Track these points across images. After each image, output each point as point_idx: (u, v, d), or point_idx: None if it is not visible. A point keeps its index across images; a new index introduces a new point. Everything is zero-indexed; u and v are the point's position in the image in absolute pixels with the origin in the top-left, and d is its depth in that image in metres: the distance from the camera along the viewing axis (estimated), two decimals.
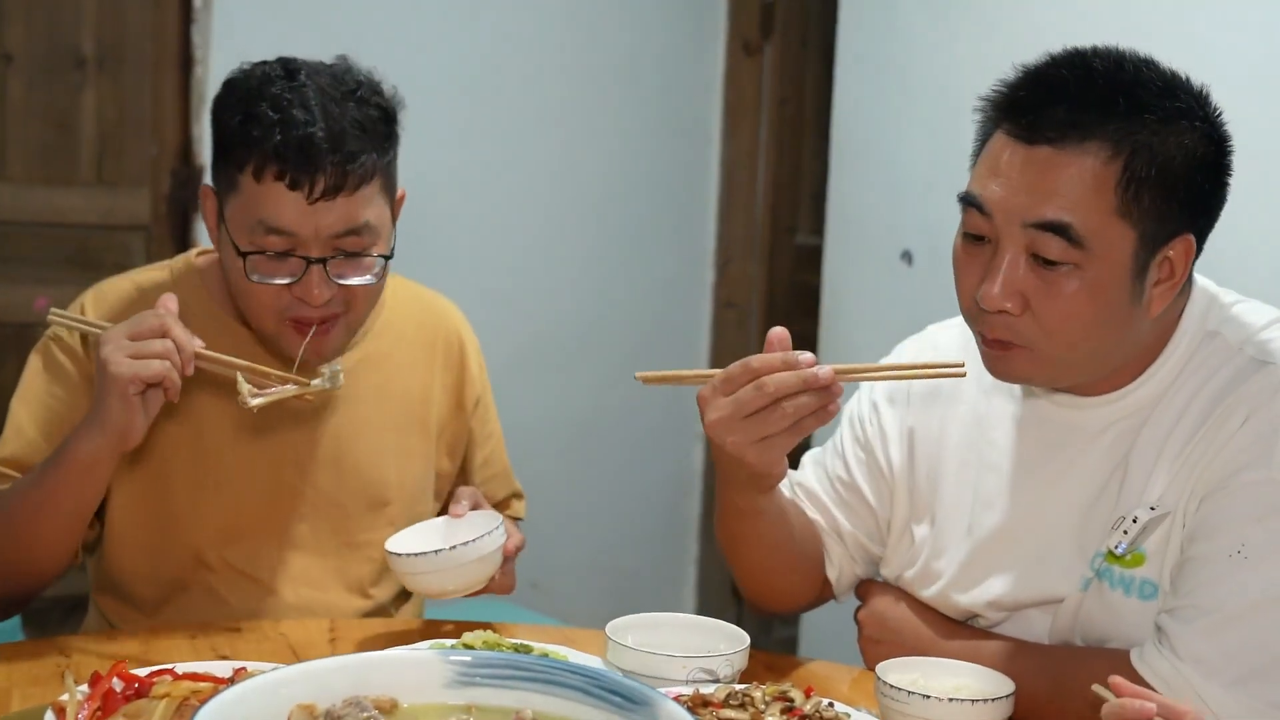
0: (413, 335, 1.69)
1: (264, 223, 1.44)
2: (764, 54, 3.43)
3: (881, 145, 2.77)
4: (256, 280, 1.46)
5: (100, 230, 2.86)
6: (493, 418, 1.77)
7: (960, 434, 1.44)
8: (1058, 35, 2.38)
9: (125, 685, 1.13)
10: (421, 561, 1.43)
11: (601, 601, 3.16)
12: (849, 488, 1.51)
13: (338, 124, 1.43)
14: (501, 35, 3.11)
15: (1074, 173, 1.23)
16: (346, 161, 1.43)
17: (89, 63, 2.81)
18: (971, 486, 1.42)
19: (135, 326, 1.37)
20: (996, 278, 1.26)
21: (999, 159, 1.27)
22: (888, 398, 1.52)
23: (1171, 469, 1.30)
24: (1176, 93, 1.26)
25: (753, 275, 3.49)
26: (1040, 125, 1.24)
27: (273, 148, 1.42)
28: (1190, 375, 1.32)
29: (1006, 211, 1.25)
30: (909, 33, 2.70)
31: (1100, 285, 1.24)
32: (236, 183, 1.46)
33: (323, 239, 1.45)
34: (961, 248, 1.32)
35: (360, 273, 1.49)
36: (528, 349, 3.19)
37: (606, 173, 3.32)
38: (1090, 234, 1.23)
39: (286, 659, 1.38)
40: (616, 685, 0.97)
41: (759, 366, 1.27)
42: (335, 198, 1.43)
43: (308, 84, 1.45)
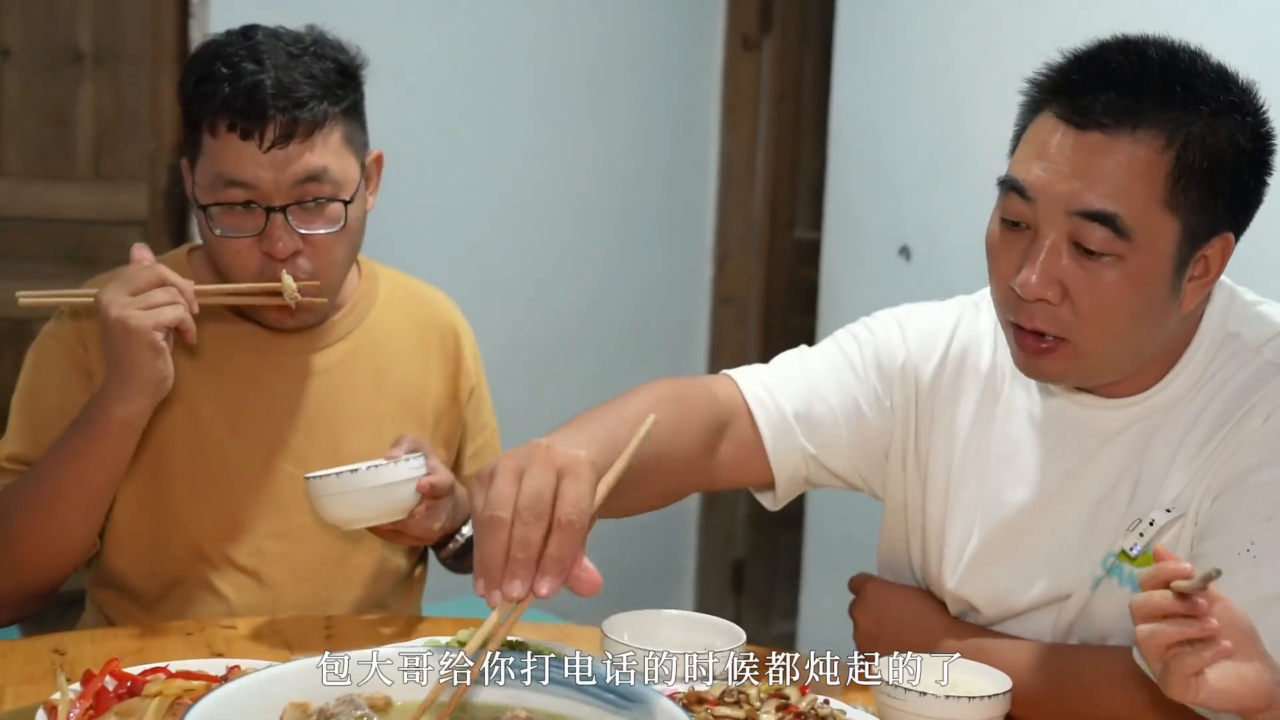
0: (407, 327, 1.69)
1: (222, 175, 1.47)
2: (763, 49, 3.43)
3: (880, 141, 2.76)
4: (220, 234, 1.49)
5: (97, 226, 2.85)
6: (487, 409, 1.77)
7: (988, 429, 1.40)
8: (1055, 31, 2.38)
9: (118, 683, 1.13)
10: (328, 483, 1.41)
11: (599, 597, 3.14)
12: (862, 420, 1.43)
13: (287, 74, 1.47)
14: (501, 30, 3.10)
15: (1124, 160, 1.20)
16: (295, 108, 1.46)
17: (86, 58, 2.80)
18: (978, 477, 1.40)
19: (132, 281, 1.40)
20: (1035, 265, 1.22)
21: (1047, 142, 1.23)
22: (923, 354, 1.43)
23: (1188, 470, 1.29)
24: (1229, 85, 1.23)
25: (751, 270, 3.49)
26: (1093, 109, 1.20)
27: (222, 100, 1.46)
28: (1211, 377, 1.30)
29: (1051, 197, 1.22)
30: (907, 28, 2.69)
31: (1141, 277, 1.21)
32: (200, 143, 1.50)
33: (282, 188, 1.48)
34: (999, 233, 1.27)
35: (323, 223, 1.50)
36: (525, 343, 3.19)
37: (605, 167, 3.31)
38: (1136, 225, 1.20)
39: (282, 656, 1.38)
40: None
41: None
42: (288, 145, 1.47)
43: (262, 42, 1.50)
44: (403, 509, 1.44)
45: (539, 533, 0.98)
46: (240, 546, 1.59)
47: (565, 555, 0.98)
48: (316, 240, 1.50)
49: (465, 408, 1.72)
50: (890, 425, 1.44)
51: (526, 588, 0.97)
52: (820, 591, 2.93)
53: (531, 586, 0.97)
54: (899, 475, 1.45)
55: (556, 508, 0.99)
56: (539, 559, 0.98)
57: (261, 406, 1.57)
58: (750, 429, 1.41)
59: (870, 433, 1.44)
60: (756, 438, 1.41)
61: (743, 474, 1.44)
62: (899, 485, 1.46)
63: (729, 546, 3.58)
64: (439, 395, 1.70)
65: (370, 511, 1.43)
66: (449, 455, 1.72)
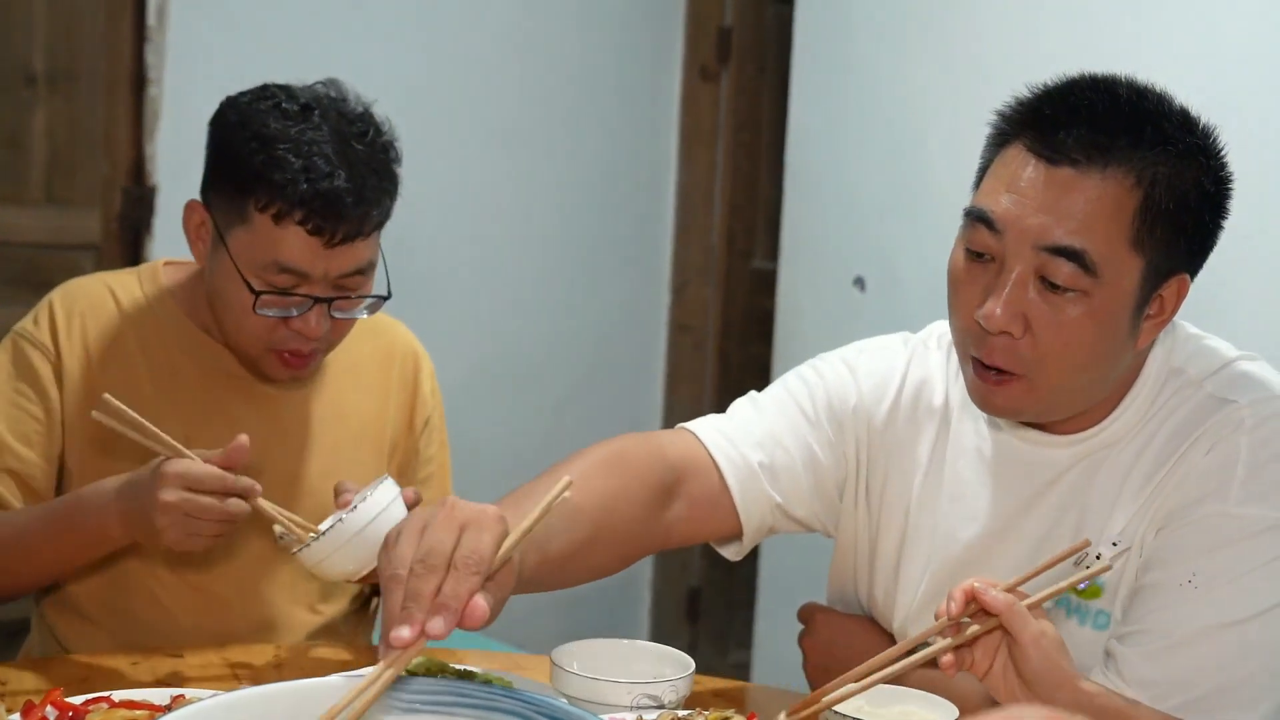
0: (368, 356, 1.69)
1: (279, 262, 1.47)
2: (721, 80, 3.45)
3: (835, 172, 2.79)
4: (260, 313, 1.49)
5: (50, 250, 2.82)
6: (438, 442, 1.76)
7: (925, 457, 1.41)
8: (1010, 66, 2.42)
9: (59, 714, 1.11)
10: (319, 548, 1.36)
11: (555, 626, 3.14)
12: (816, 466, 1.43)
13: (359, 174, 1.47)
14: (456, 58, 3.11)
15: (1094, 197, 1.21)
16: (367, 212, 1.48)
17: (40, 80, 2.78)
18: (932, 515, 1.41)
19: (195, 508, 1.32)
20: (1001, 297, 1.22)
21: (1017, 175, 1.23)
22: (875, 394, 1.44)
23: (1134, 504, 1.30)
24: (1193, 128, 1.25)
25: (708, 299, 3.50)
26: (1065, 144, 1.21)
27: (298, 196, 1.45)
28: (1155, 413, 1.32)
29: (1019, 231, 1.22)
30: (864, 61, 2.72)
31: (1104, 313, 1.23)
32: (249, 218, 1.48)
33: (331, 279, 1.50)
34: (963, 265, 1.28)
35: (355, 308, 1.54)
36: (483, 371, 3.18)
37: (563, 196, 3.32)
38: (1102, 262, 1.21)
39: (229, 685, 1.37)
40: (558, 712, 0.97)
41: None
42: (353, 243, 1.48)
43: (323, 125, 1.48)
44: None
45: (431, 584, 0.98)
46: (192, 567, 1.58)
47: (456, 595, 0.98)
48: (340, 324, 1.54)
49: (419, 437, 1.72)
50: (844, 468, 1.45)
51: (415, 633, 0.96)
52: (775, 621, 2.94)
53: (422, 628, 0.96)
54: (851, 515, 1.46)
55: (454, 555, 0.99)
56: (431, 605, 0.97)
57: (220, 430, 1.56)
58: (714, 480, 1.40)
59: (826, 476, 1.45)
60: (722, 489, 1.41)
61: (702, 528, 1.43)
62: (850, 524, 1.46)
63: (684, 575, 3.58)
64: (396, 424, 1.70)
65: (366, 552, 1.38)
66: (404, 483, 1.71)
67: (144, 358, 1.58)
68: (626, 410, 3.47)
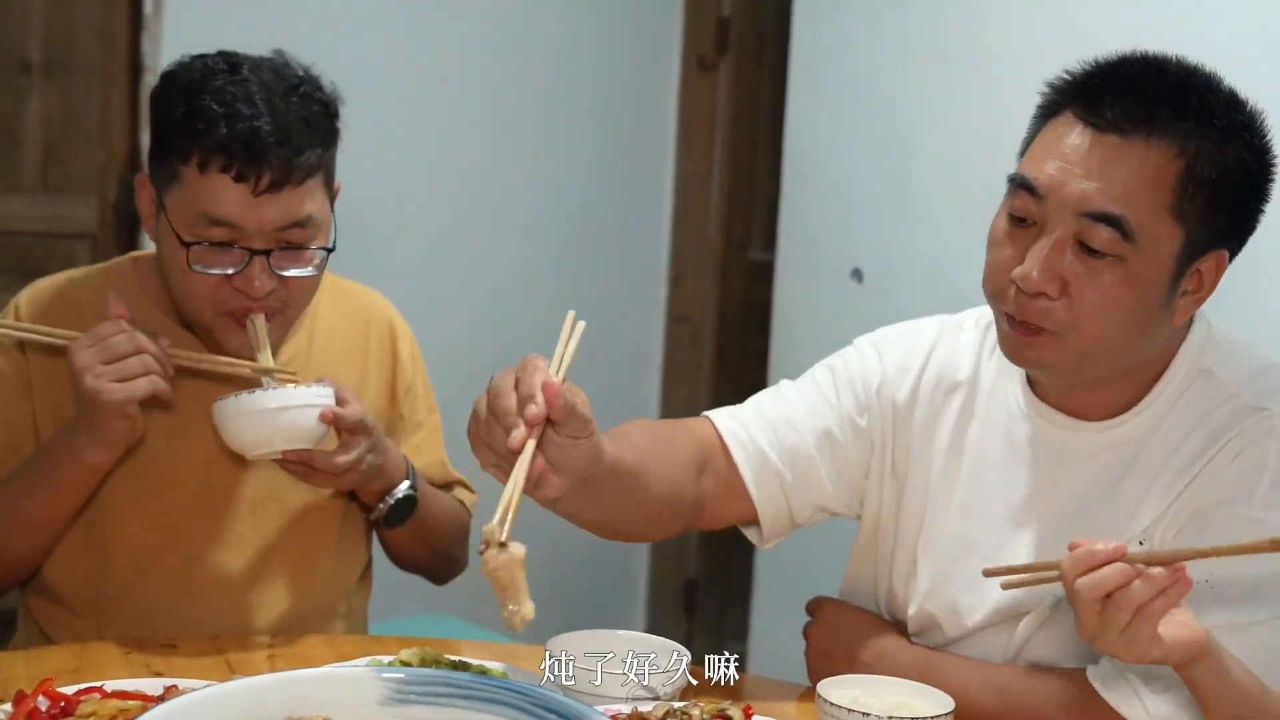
0: (344, 328, 1.69)
1: (207, 214, 1.45)
2: (719, 71, 3.44)
3: (833, 164, 2.79)
4: (198, 270, 1.47)
5: (45, 238, 2.81)
6: (424, 407, 1.75)
7: (964, 445, 1.43)
8: (1007, 59, 2.42)
9: (51, 704, 1.11)
10: (228, 404, 1.42)
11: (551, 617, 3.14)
12: (837, 446, 1.46)
13: (283, 119, 1.45)
14: (454, 48, 3.10)
15: (1136, 165, 1.23)
16: (292, 156, 1.44)
17: (35, 68, 2.77)
18: (950, 493, 1.42)
19: (107, 349, 1.40)
20: (1039, 259, 1.25)
21: (1061, 141, 1.26)
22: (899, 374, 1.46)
23: (1160, 504, 1.32)
24: (1239, 107, 1.28)
25: (705, 290, 3.50)
26: (1112, 113, 1.24)
27: (218, 141, 1.43)
28: (1183, 411, 1.33)
29: (1061, 197, 1.25)
30: (861, 53, 2.72)
31: (1140, 280, 1.25)
32: (179, 174, 1.46)
33: (266, 231, 1.46)
34: (1004, 228, 1.30)
35: (300, 265, 1.50)
36: (478, 361, 3.15)
37: (560, 187, 3.31)
38: (1141, 228, 1.23)
39: (223, 675, 1.36)
40: (552, 703, 0.97)
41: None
42: (280, 191, 1.45)
43: (250, 78, 1.47)
44: (307, 437, 1.45)
45: (509, 400, 1.19)
46: (176, 555, 1.57)
47: (529, 385, 1.21)
48: (292, 282, 1.50)
49: (403, 404, 1.72)
50: (867, 446, 1.47)
51: (519, 435, 1.17)
52: (771, 613, 2.94)
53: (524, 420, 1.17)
54: (876, 493, 1.47)
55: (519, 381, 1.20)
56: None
57: (200, 414, 1.56)
58: (728, 465, 1.45)
59: (846, 457, 1.47)
60: (733, 470, 1.45)
61: (725, 509, 1.47)
62: (875, 502, 1.48)
63: (681, 567, 3.58)
64: (377, 394, 1.69)
65: (272, 435, 1.44)
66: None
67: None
68: (623, 401, 3.46)
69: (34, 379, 1.54)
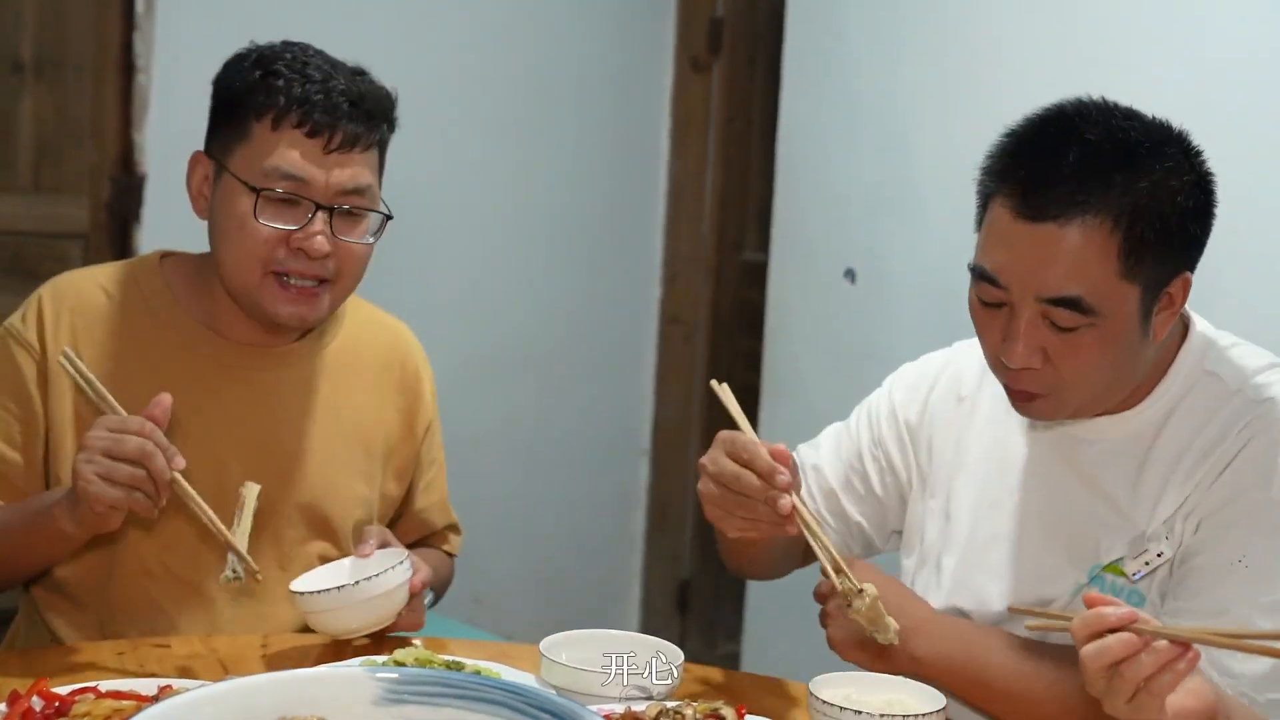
0: (369, 356, 1.69)
1: (278, 168, 1.49)
2: (712, 71, 3.45)
3: (826, 164, 2.79)
4: (262, 223, 1.48)
5: (37, 238, 2.81)
6: (438, 445, 1.76)
7: (976, 442, 1.50)
8: (1000, 60, 2.42)
9: (45, 704, 1.11)
10: (324, 599, 1.41)
11: (545, 617, 3.14)
12: (860, 476, 1.58)
13: (356, 87, 1.52)
14: (447, 47, 3.10)
15: (1078, 246, 1.27)
16: (364, 120, 1.51)
17: (27, 68, 2.76)
18: (981, 494, 1.48)
19: (113, 444, 1.32)
20: (1017, 341, 1.31)
21: (1006, 234, 1.31)
22: (907, 397, 1.57)
23: (1177, 497, 1.36)
24: (1165, 148, 1.30)
25: (699, 291, 3.50)
26: (1043, 203, 1.28)
27: (295, 97, 1.48)
28: (1190, 410, 1.38)
29: (1021, 286, 1.30)
30: (855, 53, 2.72)
31: (1113, 336, 1.31)
32: (249, 132, 1.50)
33: (330, 192, 1.50)
34: (980, 311, 1.36)
35: (358, 233, 1.54)
36: (474, 362, 3.18)
37: (554, 187, 3.31)
38: (1099, 301, 1.28)
39: (217, 675, 1.36)
40: (546, 702, 0.97)
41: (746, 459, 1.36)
42: (350, 151, 1.50)
43: (317, 55, 1.54)
44: (396, 611, 1.46)
45: (751, 480, 1.33)
46: (183, 560, 1.57)
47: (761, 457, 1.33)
48: (345, 250, 1.53)
49: (421, 443, 1.72)
50: (894, 473, 1.57)
51: (788, 502, 1.31)
52: (764, 613, 2.94)
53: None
54: (919, 514, 1.55)
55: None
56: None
57: (216, 422, 1.56)
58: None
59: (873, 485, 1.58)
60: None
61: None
62: (918, 523, 1.55)
63: (675, 567, 3.58)
64: (393, 428, 1.69)
65: (364, 620, 1.44)
66: (400, 489, 1.71)
67: (136, 353, 1.56)
68: (617, 401, 3.47)
69: (52, 383, 1.53)
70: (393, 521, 1.72)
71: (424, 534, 1.75)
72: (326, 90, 1.49)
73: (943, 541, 1.49)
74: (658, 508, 3.55)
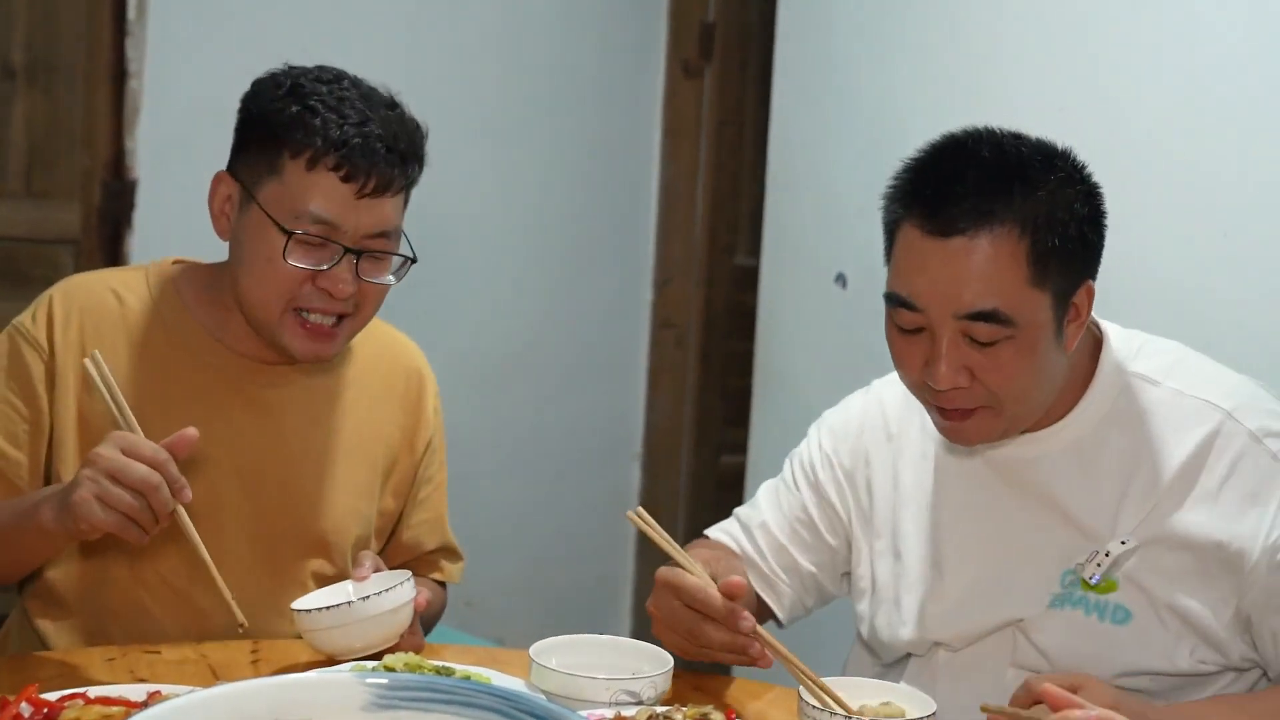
0: (372, 370, 1.68)
1: (310, 211, 1.48)
2: (704, 76, 3.45)
3: (817, 169, 2.79)
4: (291, 263, 1.48)
5: (29, 243, 2.80)
6: (438, 462, 1.75)
7: (913, 475, 1.52)
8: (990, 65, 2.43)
9: (34, 710, 1.11)
10: (326, 617, 1.40)
11: (536, 622, 3.14)
12: (807, 527, 1.59)
13: (390, 130, 1.51)
14: (438, 52, 3.10)
15: (989, 257, 1.33)
16: (397, 165, 1.51)
17: (19, 73, 2.76)
18: (928, 524, 1.50)
19: (119, 468, 1.29)
20: (941, 362, 1.35)
21: (918, 255, 1.35)
22: (836, 443, 1.59)
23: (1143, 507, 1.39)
24: (1055, 164, 1.37)
25: (690, 295, 3.51)
26: (951, 218, 1.33)
27: (333, 141, 1.47)
28: (1124, 411, 1.42)
29: (939, 306, 1.34)
30: (845, 58, 2.73)
31: (1031, 345, 1.35)
32: (281, 167, 1.49)
33: (358, 235, 1.50)
34: (899, 339, 1.40)
35: (382, 273, 1.54)
36: (466, 367, 3.17)
37: (546, 192, 3.32)
38: (1014, 310, 1.33)
39: (206, 681, 1.36)
40: (535, 708, 0.97)
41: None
42: (380, 197, 1.50)
43: (353, 90, 1.52)
44: (399, 631, 1.45)
45: (714, 631, 1.36)
46: (177, 570, 1.56)
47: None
48: (366, 288, 1.52)
49: (420, 459, 1.71)
50: (836, 515, 1.58)
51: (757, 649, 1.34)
52: None
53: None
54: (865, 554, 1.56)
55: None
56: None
57: (217, 432, 1.55)
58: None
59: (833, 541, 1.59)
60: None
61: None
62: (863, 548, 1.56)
63: None
64: (393, 443, 1.69)
65: (367, 639, 1.42)
66: (398, 505, 1.71)
67: (143, 359, 1.56)
68: (609, 406, 3.47)
69: (59, 383, 1.53)
70: (387, 540, 1.71)
71: (412, 554, 1.72)
72: (364, 134, 1.48)
73: (897, 580, 1.51)
74: (649, 512, 3.54)
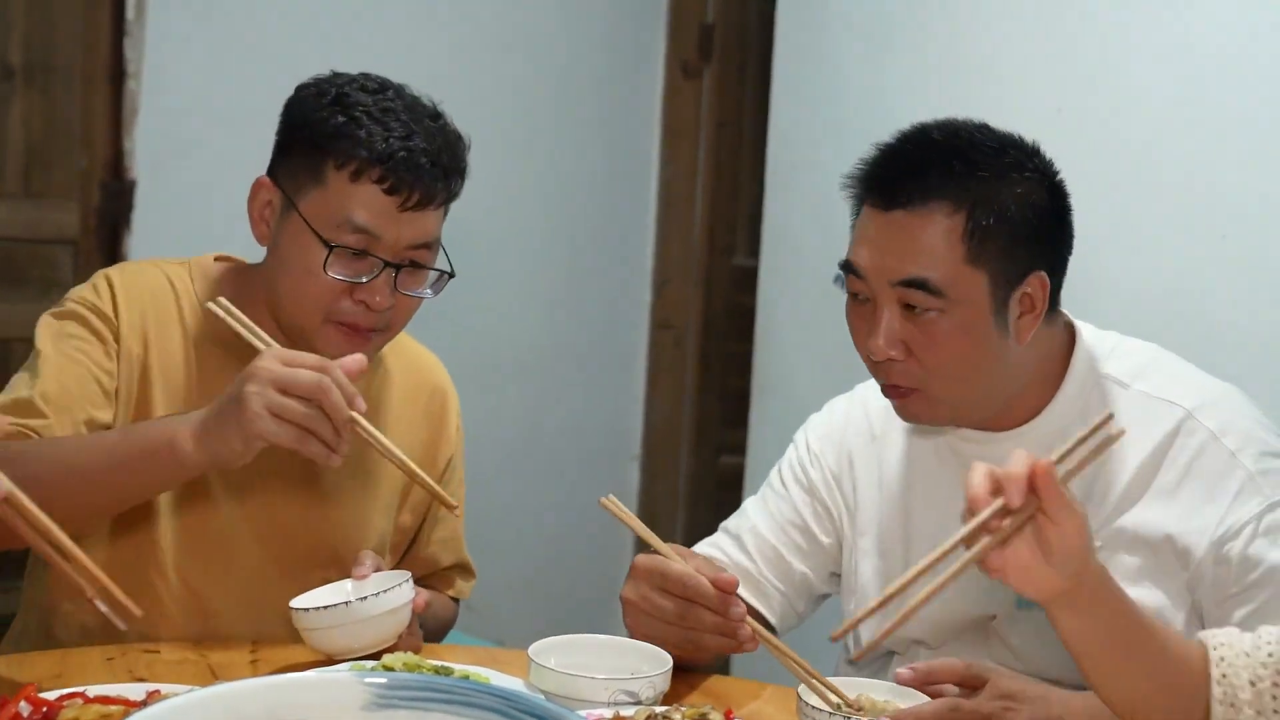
0: (396, 384, 1.68)
1: (351, 221, 1.47)
2: (703, 77, 3.45)
3: (816, 170, 2.79)
4: (331, 275, 1.47)
5: (27, 244, 2.80)
6: (458, 479, 1.74)
7: (895, 474, 1.55)
8: (989, 68, 2.43)
9: (33, 710, 1.11)
10: (325, 616, 1.39)
11: (536, 622, 3.13)
12: (799, 529, 1.61)
13: (435, 143, 1.51)
14: (438, 54, 3.10)
15: (926, 230, 1.39)
16: (440, 178, 1.50)
17: (17, 73, 2.76)
18: (903, 524, 1.53)
19: (288, 379, 1.26)
20: (879, 331, 1.41)
21: (867, 226, 1.43)
22: (822, 444, 1.62)
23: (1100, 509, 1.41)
24: (1007, 150, 1.42)
25: (689, 296, 3.51)
26: (894, 193, 1.41)
27: (380, 151, 1.46)
28: (1090, 412, 1.42)
29: (877, 272, 1.41)
30: (844, 59, 2.73)
31: (966, 325, 1.39)
32: (324, 177, 1.48)
33: (399, 247, 1.50)
34: (851, 308, 1.46)
35: (420, 286, 1.54)
36: (465, 369, 3.15)
37: (545, 193, 3.32)
38: (947, 283, 1.38)
39: (205, 681, 1.36)
40: (535, 707, 0.97)
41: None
42: (423, 210, 1.50)
43: (398, 100, 1.52)
44: (399, 631, 1.44)
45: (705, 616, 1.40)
46: (195, 568, 1.56)
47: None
48: (402, 301, 1.53)
49: (440, 477, 1.70)
50: (828, 519, 1.61)
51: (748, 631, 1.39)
52: None
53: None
54: (849, 547, 1.59)
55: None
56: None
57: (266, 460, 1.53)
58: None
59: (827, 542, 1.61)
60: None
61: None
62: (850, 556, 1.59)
63: None
64: (415, 459, 1.65)
65: (367, 639, 1.41)
66: (414, 521, 1.70)
67: (189, 350, 1.56)
68: (608, 407, 3.47)
69: (123, 356, 1.52)
70: (402, 555, 1.71)
71: (428, 570, 1.72)
72: (409, 148, 1.47)
73: (880, 578, 1.53)
74: (648, 512, 3.55)
